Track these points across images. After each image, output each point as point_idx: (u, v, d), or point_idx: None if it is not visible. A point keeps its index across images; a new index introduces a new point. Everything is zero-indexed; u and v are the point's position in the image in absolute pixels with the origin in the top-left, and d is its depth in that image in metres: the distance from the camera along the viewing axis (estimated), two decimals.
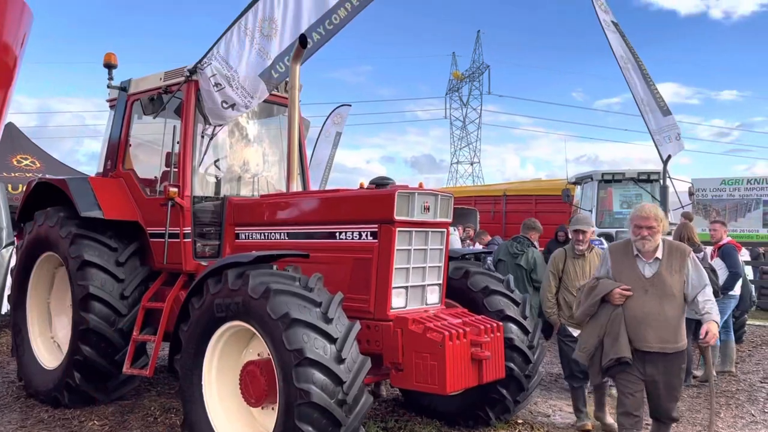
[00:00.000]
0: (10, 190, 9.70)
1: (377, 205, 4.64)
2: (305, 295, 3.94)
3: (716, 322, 3.96)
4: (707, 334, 3.90)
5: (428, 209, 4.75)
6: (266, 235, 5.37)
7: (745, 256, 11.79)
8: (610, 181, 11.70)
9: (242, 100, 5.61)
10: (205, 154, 6.02)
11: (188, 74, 5.63)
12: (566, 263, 5.72)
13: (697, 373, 7.24)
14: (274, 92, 6.02)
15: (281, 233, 5.27)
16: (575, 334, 5.33)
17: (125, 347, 5.55)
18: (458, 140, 64.84)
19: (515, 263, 7.15)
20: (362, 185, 16.77)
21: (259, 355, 4.34)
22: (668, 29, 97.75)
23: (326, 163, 17.93)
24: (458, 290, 5.33)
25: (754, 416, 5.98)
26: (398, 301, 4.60)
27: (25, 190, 6.72)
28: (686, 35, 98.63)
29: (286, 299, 3.87)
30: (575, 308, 4.42)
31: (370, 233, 4.65)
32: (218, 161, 6.34)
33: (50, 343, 6.38)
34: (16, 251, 6.11)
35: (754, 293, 9.56)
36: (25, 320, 6.33)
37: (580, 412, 5.52)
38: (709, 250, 7.75)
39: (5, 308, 8.76)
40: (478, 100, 63.21)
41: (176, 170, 5.60)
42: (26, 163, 11.11)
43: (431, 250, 4.87)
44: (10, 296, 6.59)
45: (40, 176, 7.69)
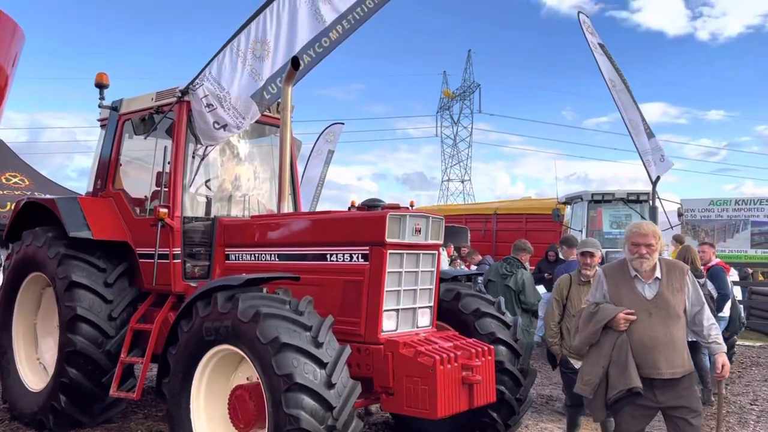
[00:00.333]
0: None
1: (368, 227, 4.64)
2: (295, 318, 3.91)
3: (725, 351, 3.82)
4: (723, 368, 3.75)
5: (419, 231, 4.75)
6: (256, 256, 5.35)
7: (733, 276, 11.87)
8: (599, 201, 11.77)
9: (234, 121, 5.61)
10: (196, 174, 6.00)
11: (180, 95, 5.63)
12: (571, 290, 5.42)
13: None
14: (265, 113, 6.03)
15: (272, 254, 5.24)
16: (577, 365, 5.00)
17: (112, 369, 5.48)
18: (449, 158, 65.17)
19: (505, 284, 7.15)
20: (353, 203, 16.69)
21: (248, 379, 4.29)
22: (656, 50, 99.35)
23: (318, 180, 17.94)
24: (449, 312, 5.32)
25: None
26: (389, 324, 4.58)
27: (13, 209, 6.66)
28: (674, 56, 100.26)
29: (275, 323, 3.84)
30: (572, 336, 4.16)
31: (361, 255, 4.64)
32: (209, 181, 6.33)
33: (36, 364, 6.29)
34: (3, 271, 6.04)
35: (743, 314, 9.58)
36: (10, 341, 6.24)
37: None
38: None
39: None
40: (468, 118, 63.69)
41: (166, 190, 5.58)
42: (15, 180, 11.04)
43: (422, 272, 4.86)
44: None
45: (28, 195, 7.63)
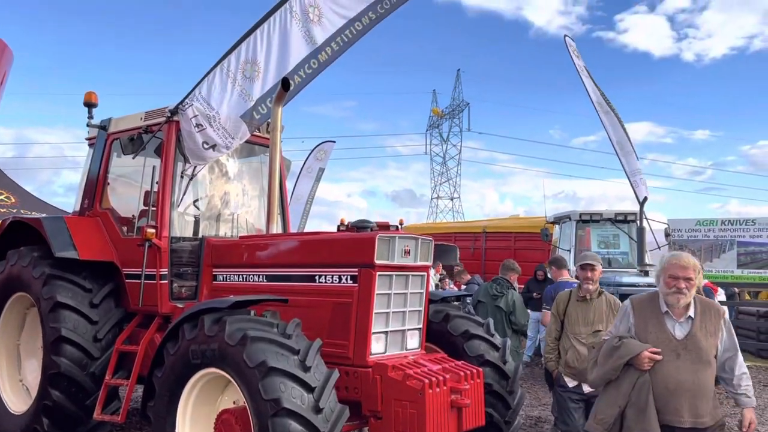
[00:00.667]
0: None
1: (357, 248, 4.62)
2: (283, 342, 3.88)
3: (754, 406, 3.59)
4: (750, 425, 3.51)
5: (409, 253, 4.74)
6: (244, 277, 5.31)
7: (721, 295, 11.94)
8: (587, 221, 11.83)
9: (223, 141, 5.61)
10: (184, 193, 5.97)
11: (169, 115, 5.62)
12: (569, 306, 5.21)
13: None
14: (255, 133, 6.03)
15: (260, 275, 5.21)
16: (571, 384, 5.13)
17: (97, 392, 5.40)
18: (438, 175, 65.32)
19: (495, 305, 7.15)
20: (342, 221, 16.65)
21: (234, 403, 4.24)
22: (643, 70, 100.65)
23: (308, 197, 17.93)
24: (438, 334, 5.29)
25: None
26: (378, 346, 4.55)
27: None
28: (660, 76, 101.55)
29: (263, 346, 3.80)
30: (589, 368, 3.79)
31: (350, 277, 4.62)
32: (197, 201, 6.30)
33: (19, 386, 6.19)
34: None
35: None
36: None
37: None
38: None
39: None
40: (458, 136, 63.93)
41: (154, 209, 5.55)
42: (1, 198, 10.94)
43: (411, 294, 4.85)
44: None
45: (14, 213, 7.56)
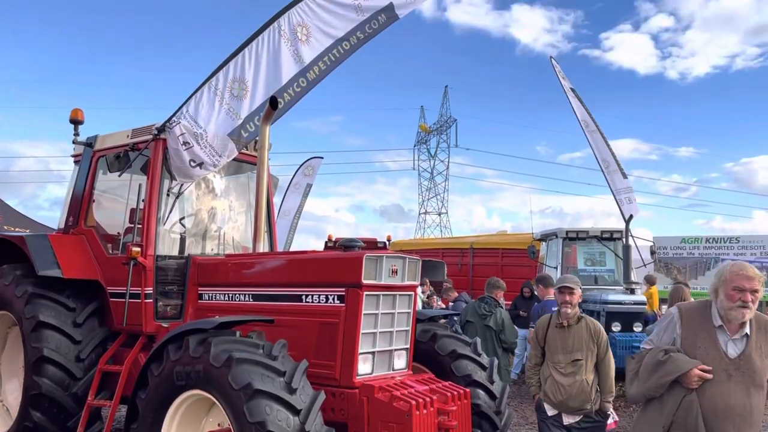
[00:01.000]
0: None
1: (345, 268, 4.60)
2: (268, 363, 3.83)
3: None
4: None
5: (396, 272, 4.72)
6: (230, 296, 5.26)
7: None
8: (574, 238, 11.90)
9: (210, 159, 5.59)
10: (170, 211, 5.94)
11: (156, 132, 5.60)
12: (548, 333, 5.04)
13: None
14: (243, 151, 6.02)
15: (246, 295, 5.17)
16: (550, 413, 5.02)
17: (79, 413, 5.32)
18: (426, 191, 65.52)
19: (484, 324, 7.14)
20: (330, 237, 16.56)
21: (219, 425, 4.19)
22: (628, 88, 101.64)
23: (295, 212, 17.91)
24: (426, 353, 5.27)
25: None
26: (364, 367, 4.52)
27: None
28: (645, 94, 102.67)
29: (248, 368, 3.76)
30: (628, 381, 3.50)
31: (337, 297, 4.59)
32: (183, 219, 6.26)
33: None
34: None
35: None
36: None
37: None
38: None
39: None
40: (445, 152, 64.25)
41: (140, 226, 5.50)
42: None
43: (399, 313, 4.82)
44: None
45: None
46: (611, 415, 5.18)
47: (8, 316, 5.81)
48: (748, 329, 3.19)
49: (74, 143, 6.30)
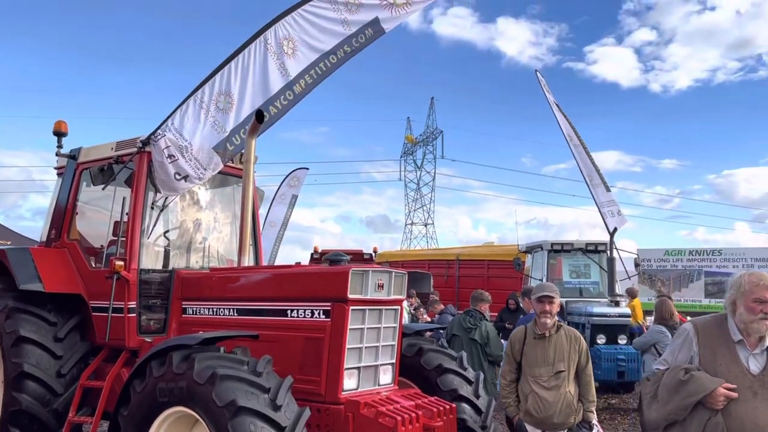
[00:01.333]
0: None
1: (330, 282, 4.58)
2: (253, 380, 3.80)
3: None
4: None
5: (382, 287, 4.71)
6: (214, 310, 5.22)
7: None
8: (559, 251, 11.96)
9: (195, 172, 5.56)
10: (154, 224, 5.89)
11: (141, 145, 5.57)
12: (525, 345, 4.85)
13: None
14: (228, 164, 6.00)
15: (230, 309, 5.13)
16: None
17: (60, 429, 5.25)
18: (412, 202, 65.75)
19: (470, 338, 7.13)
20: (316, 248, 16.56)
21: None
22: (611, 100, 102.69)
23: (281, 223, 17.85)
24: (412, 368, 5.25)
25: None
26: (350, 382, 4.49)
27: None
28: (628, 106, 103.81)
29: (232, 385, 3.72)
30: (646, 405, 3.32)
31: (322, 311, 4.57)
32: (168, 232, 6.21)
33: None
34: None
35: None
36: None
37: None
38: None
39: None
40: (431, 163, 64.57)
41: (124, 239, 5.45)
42: None
43: (385, 328, 4.80)
44: None
45: None
46: (595, 427, 5.08)
47: None
48: None
49: (57, 155, 6.24)
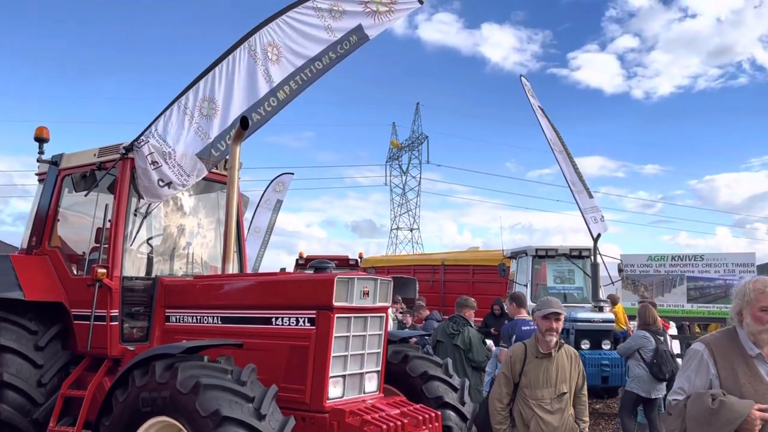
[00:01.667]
0: None
1: (315, 290, 4.56)
2: (237, 389, 3.77)
3: None
4: None
5: (368, 294, 4.70)
6: (198, 318, 5.17)
7: (672, 330, 12.22)
8: (543, 256, 12.02)
9: (179, 178, 5.52)
10: (137, 231, 5.83)
11: (124, 151, 5.51)
12: (527, 365, 4.42)
13: None
14: (213, 170, 5.97)
15: (214, 317, 5.08)
16: None
17: None
18: (398, 206, 65.67)
19: (453, 344, 7.14)
20: (301, 254, 16.46)
21: None
22: (595, 106, 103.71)
23: (266, 229, 17.78)
24: (397, 375, 5.23)
25: None
26: (335, 391, 4.47)
27: None
28: (612, 112, 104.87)
29: (216, 394, 3.69)
30: None
31: (307, 319, 4.54)
32: (151, 239, 6.15)
33: None
34: None
35: None
36: None
37: None
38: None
39: None
40: (417, 168, 64.56)
41: (106, 246, 5.39)
42: None
43: (370, 335, 4.79)
44: None
45: None
46: None
47: None
48: None
49: (39, 161, 6.16)
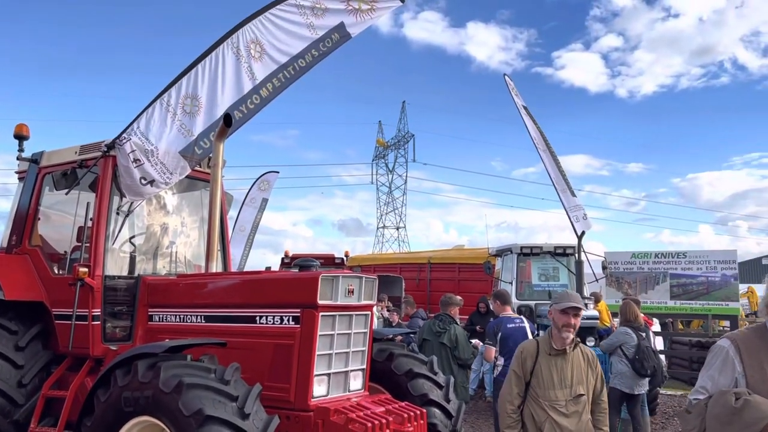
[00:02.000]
0: None
1: (300, 288, 4.54)
2: (220, 388, 3.74)
3: None
4: None
5: (352, 292, 4.69)
6: (182, 317, 5.13)
7: (656, 326, 12.34)
8: (528, 254, 12.07)
9: (161, 177, 5.47)
10: (120, 230, 5.77)
11: (106, 149, 5.45)
12: (538, 362, 4.10)
13: None
14: (196, 168, 5.92)
15: (198, 316, 5.04)
16: None
17: None
18: (384, 205, 65.66)
19: (439, 342, 7.14)
20: (287, 253, 16.34)
21: None
22: (579, 105, 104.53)
23: (251, 227, 17.67)
24: (382, 373, 5.23)
25: None
26: (320, 389, 4.45)
27: None
28: (596, 111, 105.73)
29: (199, 394, 3.66)
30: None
31: (291, 318, 4.52)
32: (134, 237, 6.09)
33: None
34: None
35: (665, 368, 9.88)
36: None
37: None
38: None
39: None
40: (403, 167, 64.57)
41: (88, 245, 5.33)
42: None
43: (355, 334, 4.78)
44: None
45: None
46: None
47: None
48: None
49: (19, 159, 6.09)
